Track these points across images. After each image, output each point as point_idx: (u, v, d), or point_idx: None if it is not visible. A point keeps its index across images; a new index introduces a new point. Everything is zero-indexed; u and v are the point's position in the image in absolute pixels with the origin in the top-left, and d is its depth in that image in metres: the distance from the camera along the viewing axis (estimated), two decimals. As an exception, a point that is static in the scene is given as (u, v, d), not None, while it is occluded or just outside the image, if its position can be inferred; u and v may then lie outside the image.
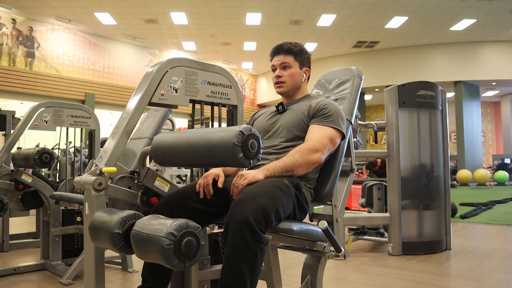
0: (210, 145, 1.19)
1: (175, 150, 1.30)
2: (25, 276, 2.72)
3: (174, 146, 1.30)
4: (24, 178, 2.89)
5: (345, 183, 1.93)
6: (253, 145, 1.17)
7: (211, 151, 1.19)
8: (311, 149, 1.45)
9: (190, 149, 1.25)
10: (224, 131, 1.18)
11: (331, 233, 1.41)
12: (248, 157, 1.16)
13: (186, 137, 1.28)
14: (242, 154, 1.14)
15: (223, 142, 1.16)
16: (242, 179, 1.33)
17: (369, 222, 3.53)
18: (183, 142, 1.28)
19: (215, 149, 1.18)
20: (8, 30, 10.34)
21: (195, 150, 1.23)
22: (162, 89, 1.72)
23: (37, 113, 2.90)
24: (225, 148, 1.15)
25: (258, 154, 1.19)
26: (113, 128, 1.63)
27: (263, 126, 1.70)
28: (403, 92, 3.44)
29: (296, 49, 1.68)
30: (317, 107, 1.58)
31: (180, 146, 1.28)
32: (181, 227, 1.03)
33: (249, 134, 1.16)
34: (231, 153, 1.13)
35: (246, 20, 11.07)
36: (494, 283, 2.49)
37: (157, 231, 1.03)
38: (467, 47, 13.39)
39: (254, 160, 1.18)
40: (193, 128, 1.41)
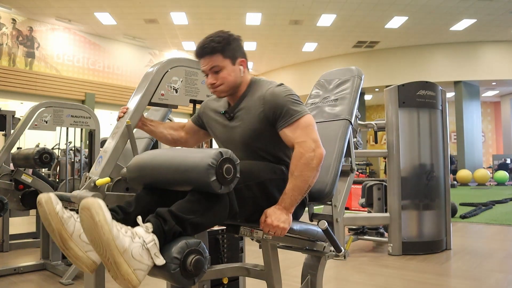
0: (183, 164, 1.13)
1: (150, 169, 1.23)
2: (25, 276, 2.72)
3: (150, 165, 1.24)
4: (24, 178, 2.89)
5: (345, 183, 1.93)
6: (228, 170, 1.10)
7: (184, 171, 1.13)
8: (309, 150, 1.32)
9: (162, 168, 1.19)
10: (201, 152, 1.13)
11: (331, 233, 1.41)
12: (221, 182, 1.08)
13: (164, 154, 1.23)
14: (215, 178, 1.06)
15: (196, 161, 1.10)
16: (273, 231, 1.28)
17: (369, 222, 3.53)
18: (158, 160, 1.22)
19: (188, 169, 1.12)
20: (8, 30, 10.34)
21: (168, 168, 1.17)
22: (162, 89, 1.73)
23: (37, 113, 2.90)
24: (197, 169, 1.08)
25: (232, 181, 1.11)
26: (113, 128, 1.63)
27: (219, 135, 1.54)
28: (403, 92, 3.44)
29: (220, 45, 1.41)
30: (271, 110, 1.38)
31: (155, 165, 1.22)
32: (182, 248, 1.02)
33: (226, 157, 1.10)
34: (203, 175, 1.06)
35: (246, 20, 11.07)
36: (494, 283, 2.49)
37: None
38: (467, 47, 13.39)
39: (227, 187, 1.10)
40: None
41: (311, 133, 1.35)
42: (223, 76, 1.42)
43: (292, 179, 1.31)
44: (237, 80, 1.45)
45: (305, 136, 1.34)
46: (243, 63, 1.47)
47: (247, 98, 1.46)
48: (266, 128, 1.40)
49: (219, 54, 1.41)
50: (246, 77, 1.49)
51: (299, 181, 1.30)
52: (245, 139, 1.43)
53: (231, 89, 1.46)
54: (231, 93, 1.47)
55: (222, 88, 1.44)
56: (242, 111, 1.45)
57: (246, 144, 1.44)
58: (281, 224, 1.28)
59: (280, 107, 1.37)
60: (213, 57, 1.41)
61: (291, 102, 1.38)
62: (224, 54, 1.41)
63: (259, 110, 1.40)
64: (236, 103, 1.48)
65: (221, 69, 1.42)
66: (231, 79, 1.43)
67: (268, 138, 1.42)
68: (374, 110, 19.03)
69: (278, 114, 1.37)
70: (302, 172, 1.30)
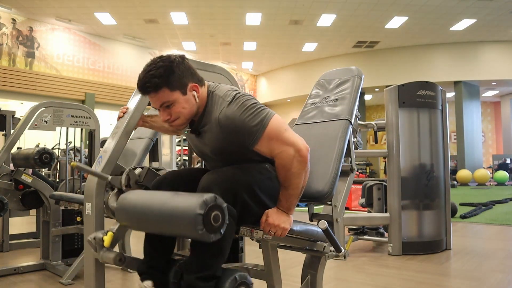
0: (169, 220, 1.10)
1: (136, 212, 1.21)
2: (25, 276, 2.72)
3: (136, 209, 1.21)
4: (24, 178, 2.89)
5: (345, 183, 1.93)
6: (216, 218, 1.05)
7: (171, 226, 1.10)
8: (289, 159, 1.25)
9: (151, 220, 1.16)
10: (187, 199, 1.09)
11: (331, 233, 1.41)
12: (211, 231, 1.04)
13: (149, 200, 1.19)
14: (203, 230, 1.03)
15: (183, 211, 1.06)
16: (274, 230, 1.28)
17: (369, 222, 3.53)
18: (145, 206, 1.19)
19: (175, 223, 1.09)
20: (8, 30, 10.34)
21: (157, 222, 1.15)
22: (162, 89, 1.72)
23: (37, 113, 2.90)
24: (184, 222, 1.06)
25: (221, 227, 1.07)
26: (113, 128, 1.63)
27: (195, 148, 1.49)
28: (403, 92, 3.44)
29: (163, 78, 1.24)
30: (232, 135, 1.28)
31: (140, 211, 1.20)
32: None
33: (213, 205, 1.05)
34: (190, 229, 1.04)
35: (246, 20, 11.07)
36: (494, 283, 2.49)
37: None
38: (467, 47, 13.39)
39: (218, 234, 1.06)
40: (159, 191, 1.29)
41: (283, 140, 1.25)
42: (177, 110, 1.28)
43: (283, 189, 1.31)
44: (193, 109, 1.31)
45: (280, 146, 1.25)
46: (195, 87, 1.31)
47: (206, 118, 1.35)
48: (235, 146, 1.32)
49: (164, 89, 1.25)
50: (202, 97, 1.34)
51: (291, 189, 1.30)
52: (217, 156, 1.39)
53: (189, 120, 1.34)
54: (189, 121, 1.35)
55: (179, 122, 1.32)
56: (205, 131, 1.36)
57: (221, 159, 1.39)
58: (282, 224, 1.28)
59: (241, 130, 1.26)
60: (159, 94, 1.26)
61: (249, 120, 1.25)
62: (170, 87, 1.25)
63: (220, 135, 1.31)
64: (197, 122, 1.37)
65: (173, 103, 1.28)
66: (186, 112, 1.30)
67: (241, 151, 1.34)
68: (374, 110, 19.03)
69: (242, 136, 1.27)
70: (291, 182, 1.28)
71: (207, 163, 1.53)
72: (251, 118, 1.25)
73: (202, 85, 1.36)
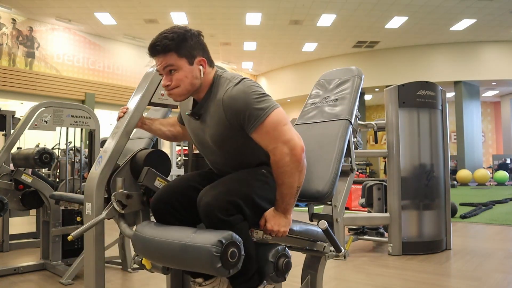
0: (186, 253, 1.14)
1: (153, 248, 1.25)
2: (25, 276, 2.72)
3: (153, 244, 1.24)
4: (24, 178, 2.89)
5: (345, 183, 1.93)
6: (233, 254, 1.10)
7: (187, 257, 1.14)
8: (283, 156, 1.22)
9: (168, 255, 1.20)
10: (203, 238, 1.12)
11: (331, 233, 1.41)
12: (228, 267, 1.09)
13: (166, 238, 1.22)
14: (220, 265, 1.08)
15: (200, 252, 1.10)
16: (273, 234, 1.29)
17: (369, 222, 3.53)
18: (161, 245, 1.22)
19: (191, 256, 1.13)
20: (8, 30, 10.34)
21: (173, 255, 1.19)
22: (162, 89, 1.72)
23: (37, 113, 2.90)
24: (201, 259, 1.10)
25: (238, 262, 1.12)
26: (113, 128, 1.63)
27: (194, 137, 1.47)
28: (403, 92, 3.44)
29: (174, 42, 1.25)
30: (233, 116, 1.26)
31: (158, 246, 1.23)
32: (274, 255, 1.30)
33: (228, 243, 1.09)
34: (208, 264, 1.09)
35: (246, 20, 11.07)
36: (494, 283, 2.49)
37: None
38: (467, 47, 13.39)
39: (235, 269, 1.12)
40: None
41: (280, 135, 1.22)
42: (179, 77, 1.28)
43: (278, 188, 1.28)
44: (195, 82, 1.30)
45: (275, 141, 1.22)
46: (203, 62, 1.31)
47: (210, 100, 1.32)
48: (234, 133, 1.29)
49: (173, 53, 1.26)
50: (207, 77, 1.33)
51: (284, 188, 1.25)
52: (216, 144, 1.35)
53: (189, 93, 1.32)
54: (189, 95, 1.34)
55: (178, 91, 1.30)
56: (206, 115, 1.33)
57: (220, 148, 1.36)
58: (282, 228, 1.28)
59: (242, 111, 1.23)
60: (167, 56, 1.26)
61: (253, 101, 1.23)
62: (178, 52, 1.26)
63: (222, 117, 1.28)
64: (200, 103, 1.35)
65: (176, 70, 1.27)
66: (187, 82, 1.28)
67: (240, 141, 1.32)
68: (374, 110, 19.03)
69: (242, 119, 1.24)
70: (284, 180, 1.24)
71: (206, 156, 1.48)
72: (255, 101, 1.23)
73: (211, 67, 1.35)
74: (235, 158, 1.38)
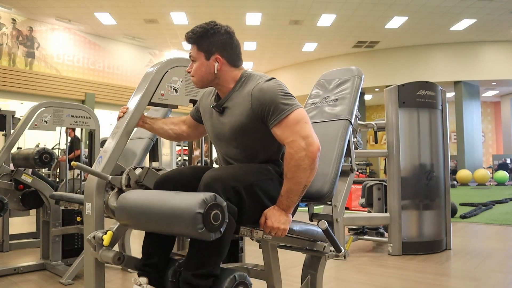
0: (168, 218, 1.12)
1: (136, 211, 1.23)
2: (25, 276, 2.72)
3: (136, 208, 1.23)
4: (24, 178, 2.89)
5: (345, 183, 1.93)
6: (216, 216, 1.07)
7: (170, 224, 1.12)
8: (299, 150, 1.26)
9: (151, 218, 1.18)
10: (186, 198, 1.11)
11: (331, 233, 1.41)
12: (212, 230, 1.06)
13: (150, 200, 1.21)
14: (203, 228, 1.04)
15: (183, 210, 1.07)
16: (274, 232, 1.29)
17: (369, 222, 3.53)
18: (145, 205, 1.20)
19: (174, 222, 1.10)
20: (8, 30, 10.34)
21: (157, 220, 1.16)
22: (162, 89, 1.73)
23: (37, 113, 2.90)
24: (184, 221, 1.07)
25: (221, 226, 1.08)
26: (113, 128, 1.63)
27: (210, 129, 1.52)
28: (403, 92, 3.44)
29: (195, 36, 1.38)
30: (259, 107, 1.33)
31: (141, 209, 1.21)
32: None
33: (212, 204, 1.07)
34: (190, 227, 1.05)
35: (246, 20, 11.07)
36: (494, 283, 2.49)
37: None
38: (467, 47, 13.39)
39: (217, 233, 1.08)
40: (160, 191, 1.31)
41: (301, 130, 1.28)
42: (195, 68, 1.42)
43: (286, 182, 1.29)
44: (208, 76, 1.41)
45: (295, 134, 1.27)
46: (219, 60, 1.39)
47: (236, 93, 1.41)
48: (255, 124, 1.36)
49: (194, 46, 1.40)
50: (227, 73, 1.42)
51: (292, 183, 1.27)
52: (234, 135, 1.40)
53: (202, 82, 1.44)
54: (205, 86, 1.47)
55: (193, 80, 1.45)
56: (231, 106, 1.41)
57: (236, 139, 1.40)
58: (282, 225, 1.28)
59: (268, 104, 1.31)
60: (192, 47, 1.41)
61: (280, 97, 1.31)
62: (198, 46, 1.40)
63: (247, 107, 1.35)
64: (225, 97, 1.44)
65: (195, 61, 1.42)
66: (200, 73, 1.41)
67: (257, 135, 1.38)
68: (374, 110, 19.03)
69: (267, 111, 1.32)
70: (294, 174, 1.26)
71: (219, 148, 1.51)
72: (283, 97, 1.32)
73: (233, 66, 1.43)
74: (247, 150, 1.42)
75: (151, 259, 1.32)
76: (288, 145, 1.28)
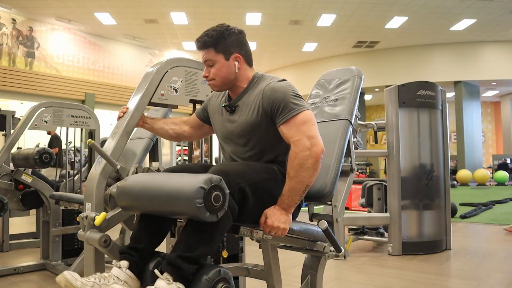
0: (172, 188, 1.12)
1: (136, 192, 1.22)
2: (25, 276, 2.72)
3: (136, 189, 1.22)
4: (24, 178, 2.89)
5: (345, 183, 1.93)
6: (217, 198, 1.07)
7: (171, 199, 1.11)
8: (304, 149, 1.28)
9: (151, 195, 1.17)
10: (191, 176, 1.11)
11: (331, 233, 1.41)
12: (210, 210, 1.06)
13: (152, 179, 1.20)
14: (202, 204, 1.04)
15: (186, 185, 1.08)
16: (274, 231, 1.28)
17: (369, 222, 3.53)
18: (147, 183, 1.20)
19: (176, 196, 1.10)
20: (8, 30, 10.34)
21: (156, 196, 1.15)
22: (162, 89, 1.73)
23: (37, 113, 2.90)
24: (185, 192, 1.07)
25: (220, 210, 1.09)
26: (113, 128, 1.63)
27: (219, 129, 1.54)
28: (403, 92, 3.44)
29: (212, 39, 1.39)
30: (269, 104, 1.37)
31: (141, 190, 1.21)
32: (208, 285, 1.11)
33: (216, 184, 1.07)
34: (191, 201, 1.05)
35: (246, 20, 11.07)
36: (494, 283, 2.49)
37: None
38: (467, 47, 13.39)
39: (214, 216, 1.08)
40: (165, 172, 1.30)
41: (307, 131, 1.30)
42: (215, 71, 1.42)
43: (288, 180, 1.30)
44: (229, 76, 1.43)
45: (301, 134, 1.30)
46: (239, 58, 1.43)
47: (248, 93, 1.45)
48: (264, 122, 1.38)
49: (211, 49, 1.40)
50: (244, 72, 1.46)
51: (295, 182, 1.28)
52: (244, 132, 1.42)
53: (224, 84, 1.45)
54: (225, 88, 1.47)
55: (214, 83, 1.44)
56: (242, 105, 1.44)
57: (245, 137, 1.42)
58: (282, 224, 1.28)
59: (278, 101, 1.35)
60: (207, 51, 1.41)
61: (290, 97, 1.35)
62: (216, 48, 1.40)
63: (258, 105, 1.39)
64: (237, 97, 1.47)
65: (214, 64, 1.42)
66: (222, 75, 1.42)
67: (265, 134, 1.40)
68: (374, 110, 19.03)
69: (276, 108, 1.35)
70: (297, 173, 1.28)
71: (227, 146, 1.52)
72: (293, 97, 1.36)
73: (249, 65, 1.49)
74: (255, 149, 1.43)
75: (138, 244, 1.26)
76: (294, 144, 1.30)
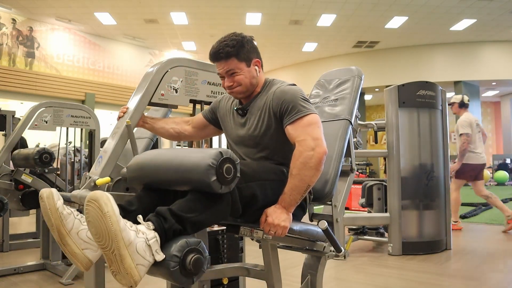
0: (183, 165, 1.13)
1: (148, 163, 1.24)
2: (25, 276, 2.72)
3: (150, 165, 1.23)
4: (24, 178, 2.89)
5: (345, 183, 1.93)
6: (228, 170, 1.11)
7: (184, 171, 1.12)
8: (308, 149, 1.31)
9: (162, 168, 1.18)
10: (201, 152, 1.14)
11: (331, 233, 1.41)
12: (222, 182, 1.09)
13: (164, 154, 1.23)
14: (215, 178, 1.07)
15: (196, 162, 1.10)
16: (274, 230, 1.29)
17: (369, 222, 3.54)
18: (158, 160, 1.22)
19: (188, 169, 1.11)
20: (8, 30, 10.33)
21: (167, 168, 1.17)
22: (162, 89, 1.73)
23: (37, 113, 2.90)
24: (198, 169, 1.09)
25: (233, 181, 1.12)
26: (113, 128, 1.63)
27: (230, 131, 1.58)
28: (403, 92, 3.44)
29: (234, 49, 1.43)
30: (278, 105, 1.41)
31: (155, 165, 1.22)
32: (182, 247, 1.02)
33: (225, 157, 1.11)
34: (203, 175, 1.07)
35: (246, 20, 11.07)
36: (494, 283, 2.49)
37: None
38: (467, 47, 13.38)
39: (227, 187, 1.11)
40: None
41: (312, 132, 1.35)
42: (239, 79, 1.46)
43: (290, 178, 1.32)
44: (253, 81, 1.49)
45: (306, 134, 1.34)
46: (258, 63, 1.51)
47: (260, 97, 1.50)
48: (273, 124, 1.43)
49: (234, 58, 1.44)
50: (261, 77, 1.54)
51: (297, 180, 1.30)
52: (253, 135, 1.47)
53: (248, 90, 1.50)
54: (249, 94, 1.51)
55: (239, 89, 1.47)
56: (253, 109, 1.49)
57: (256, 138, 1.47)
58: (282, 223, 1.28)
59: (286, 103, 1.40)
60: (228, 61, 1.44)
61: (299, 99, 1.40)
62: (238, 57, 1.45)
63: (268, 106, 1.45)
64: (250, 101, 1.52)
65: (237, 72, 1.45)
66: (247, 81, 1.47)
67: (275, 135, 1.44)
68: (374, 110, 19.02)
69: (284, 109, 1.40)
70: (300, 171, 1.30)
71: (238, 148, 1.54)
72: (302, 100, 1.41)
73: (262, 69, 1.56)
74: (265, 150, 1.47)
75: (129, 206, 1.19)
76: (299, 143, 1.34)
